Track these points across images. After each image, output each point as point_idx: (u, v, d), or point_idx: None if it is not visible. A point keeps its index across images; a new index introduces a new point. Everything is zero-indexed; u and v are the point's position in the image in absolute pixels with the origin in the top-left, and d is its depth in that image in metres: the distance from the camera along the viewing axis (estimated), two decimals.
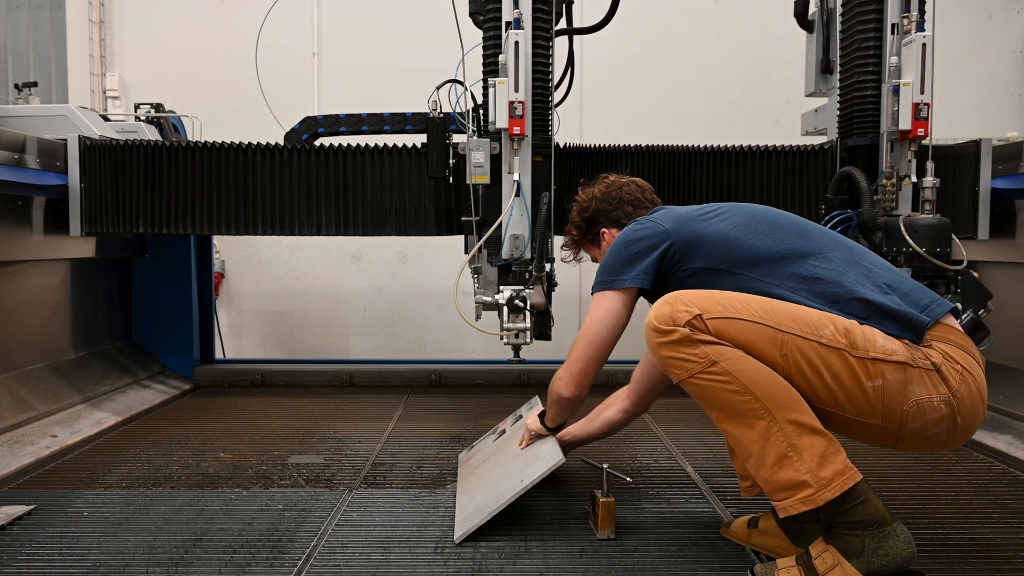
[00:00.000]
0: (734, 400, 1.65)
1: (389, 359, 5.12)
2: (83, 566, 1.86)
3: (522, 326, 2.86)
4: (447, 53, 3.21)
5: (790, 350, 1.65)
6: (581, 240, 2.28)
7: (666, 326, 1.70)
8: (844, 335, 1.66)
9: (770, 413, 1.63)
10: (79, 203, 3.28)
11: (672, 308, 1.71)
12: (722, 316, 1.68)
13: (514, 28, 2.85)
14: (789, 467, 1.62)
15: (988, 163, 3.10)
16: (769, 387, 1.64)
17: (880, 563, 1.59)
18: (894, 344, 1.67)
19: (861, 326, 1.69)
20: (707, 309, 1.69)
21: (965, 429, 1.70)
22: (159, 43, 5.82)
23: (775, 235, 1.84)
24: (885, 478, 2.54)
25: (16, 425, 2.92)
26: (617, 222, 2.17)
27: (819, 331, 1.66)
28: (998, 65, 5.94)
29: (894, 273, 1.82)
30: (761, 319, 1.68)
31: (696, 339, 1.67)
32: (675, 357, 1.70)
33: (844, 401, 1.66)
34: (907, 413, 1.65)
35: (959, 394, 1.66)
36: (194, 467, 2.67)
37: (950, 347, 1.70)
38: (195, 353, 4.25)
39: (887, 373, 1.64)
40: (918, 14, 2.88)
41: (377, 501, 2.31)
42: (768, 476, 1.65)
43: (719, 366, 1.66)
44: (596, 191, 2.22)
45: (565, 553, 1.93)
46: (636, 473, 2.58)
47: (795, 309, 1.71)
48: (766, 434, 1.63)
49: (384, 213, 3.38)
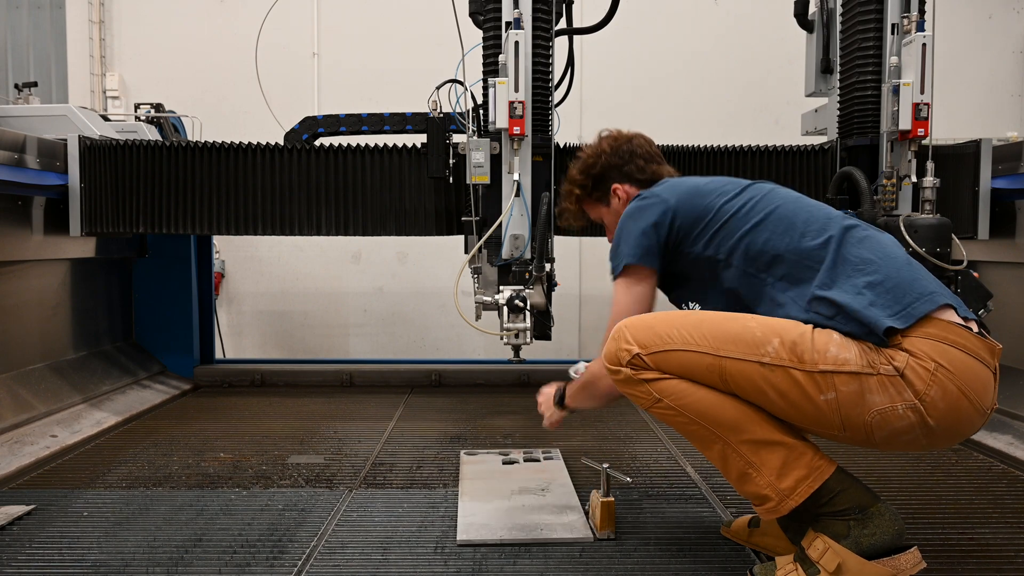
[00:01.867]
0: (689, 427, 1.70)
1: (389, 359, 5.12)
2: (83, 566, 1.86)
3: (522, 326, 2.86)
4: (447, 53, 3.21)
5: (730, 375, 1.64)
6: (586, 198, 2.16)
7: (612, 365, 1.74)
8: (790, 350, 1.60)
9: (722, 438, 1.67)
10: (79, 203, 3.27)
11: (616, 346, 1.74)
12: (660, 350, 1.69)
13: (514, 28, 2.85)
14: (750, 482, 1.66)
15: (988, 163, 3.10)
16: (717, 415, 1.66)
17: (869, 543, 1.61)
18: (848, 352, 1.58)
19: (814, 332, 1.62)
20: (645, 344, 1.70)
21: (946, 430, 1.59)
22: (159, 43, 5.82)
23: (788, 234, 1.78)
24: (885, 478, 2.54)
25: (16, 425, 2.92)
26: (630, 177, 2.08)
27: (760, 349, 1.62)
28: (998, 65, 5.94)
29: (889, 266, 1.68)
30: (698, 347, 1.67)
31: (639, 379, 1.71)
32: (627, 392, 1.76)
33: (799, 416, 1.63)
34: (870, 424, 1.58)
35: (927, 397, 1.55)
36: (194, 467, 2.67)
37: (927, 343, 1.57)
38: (195, 353, 4.25)
39: (839, 385, 1.57)
40: (918, 14, 2.88)
41: (377, 501, 2.31)
42: (736, 487, 1.72)
43: (664, 403, 1.70)
44: (604, 145, 2.11)
45: (565, 553, 1.93)
46: (636, 473, 2.58)
47: (738, 328, 1.67)
48: (723, 455, 1.68)
49: (384, 213, 3.38)
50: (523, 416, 3.43)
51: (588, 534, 2.02)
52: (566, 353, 5.68)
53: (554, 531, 2.03)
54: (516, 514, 2.14)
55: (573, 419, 3.37)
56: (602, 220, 2.19)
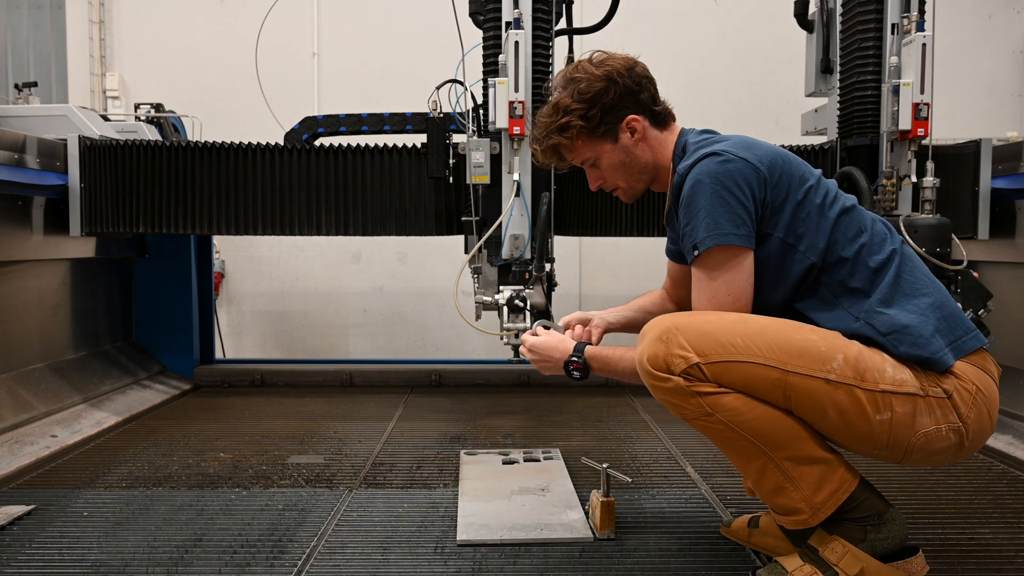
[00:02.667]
0: (733, 442, 1.61)
1: (389, 359, 5.12)
2: (83, 566, 1.86)
3: (522, 326, 2.86)
4: (447, 53, 3.21)
5: (794, 391, 1.56)
6: (587, 133, 1.78)
7: (659, 371, 1.58)
8: (853, 367, 1.56)
9: (766, 454, 1.60)
10: (79, 203, 3.27)
11: (667, 350, 1.57)
12: (721, 360, 1.55)
13: (514, 28, 2.85)
14: (784, 495, 1.62)
15: (988, 163, 3.10)
16: (769, 433, 1.58)
17: (882, 547, 1.63)
18: (904, 373, 1.58)
19: (871, 352, 1.59)
20: (705, 353, 1.55)
21: (971, 449, 1.65)
22: (159, 43, 5.82)
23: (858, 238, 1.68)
24: (885, 478, 2.54)
25: (16, 425, 2.92)
26: (646, 108, 1.79)
27: (826, 366, 1.55)
28: (998, 65, 5.94)
29: (939, 290, 1.68)
30: (764, 359, 1.55)
31: (692, 391, 1.57)
32: (669, 401, 1.62)
33: (848, 436, 1.61)
34: (913, 444, 1.59)
35: (968, 419, 1.59)
36: (194, 467, 2.67)
37: (970, 367, 1.63)
38: (195, 353, 4.25)
39: (896, 406, 1.56)
40: (918, 14, 2.88)
41: (377, 501, 2.31)
42: (765, 497, 1.67)
43: (715, 418, 1.58)
44: (617, 65, 1.76)
45: (565, 553, 1.93)
46: (636, 473, 2.58)
47: (801, 340, 1.58)
48: (763, 469, 1.62)
49: (384, 213, 3.38)
50: (523, 416, 3.44)
51: (588, 534, 2.02)
52: None
53: (554, 531, 2.03)
54: (516, 514, 2.14)
55: (573, 419, 3.40)
56: (597, 162, 1.83)
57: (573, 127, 1.76)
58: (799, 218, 1.65)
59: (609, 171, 1.83)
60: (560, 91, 1.78)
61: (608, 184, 1.86)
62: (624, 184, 1.85)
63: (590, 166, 1.85)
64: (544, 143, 1.82)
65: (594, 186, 1.88)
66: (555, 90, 1.80)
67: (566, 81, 1.78)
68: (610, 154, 1.80)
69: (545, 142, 1.82)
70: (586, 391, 3.97)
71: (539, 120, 1.82)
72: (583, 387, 4.06)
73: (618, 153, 1.80)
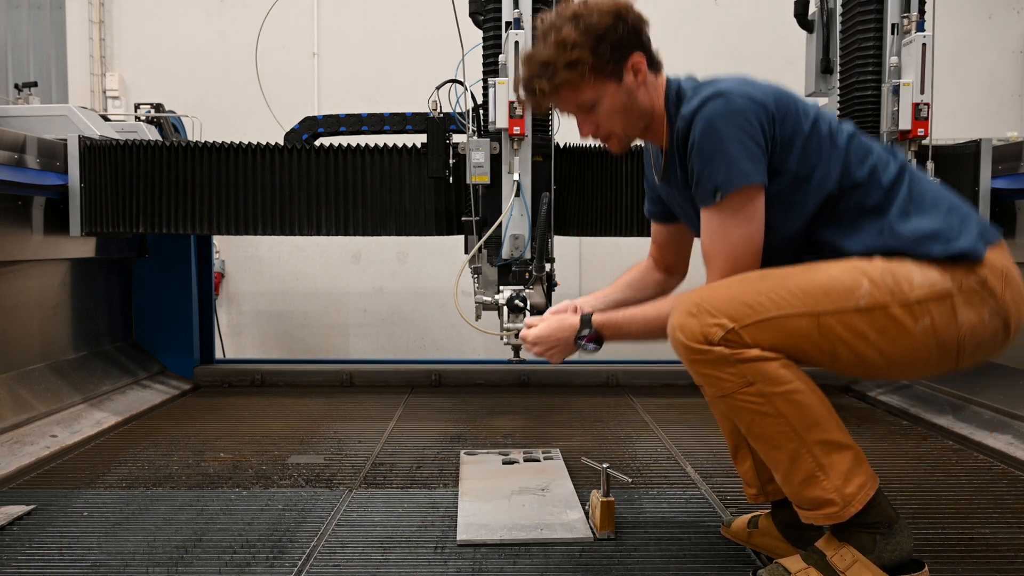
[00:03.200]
0: (765, 422, 1.58)
1: (389, 359, 5.12)
2: (83, 566, 1.86)
3: (522, 326, 2.86)
4: (447, 53, 3.21)
5: (828, 330, 1.54)
6: (593, 73, 1.66)
7: (699, 344, 1.56)
8: (881, 286, 1.54)
9: (799, 436, 1.57)
10: (79, 203, 3.27)
11: (700, 323, 1.55)
12: (755, 320, 1.54)
13: (514, 28, 2.86)
14: (816, 486, 1.59)
15: (988, 163, 3.10)
16: (803, 408, 1.57)
17: (890, 558, 1.60)
18: (933, 274, 1.56)
19: (894, 264, 1.57)
20: (738, 317, 1.54)
21: (1016, 330, 1.62)
22: (159, 43, 5.82)
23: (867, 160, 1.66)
24: (885, 478, 2.52)
25: (16, 425, 2.92)
26: (647, 48, 1.74)
27: (854, 295, 1.54)
28: (998, 65, 5.94)
29: (951, 195, 1.69)
30: (794, 308, 1.54)
31: (735, 359, 1.54)
32: (709, 375, 1.58)
33: (896, 355, 1.58)
34: (963, 342, 1.57)
35: (1006, 300, 1.58)
36: (194, 467, 2.67)
37: (993, 253, 1.61)
38: (195, 353, 4.25)
39: (933, 309, 1.54)
40: (918, 14, 2.88)
41: (377, 501, 2.31)
42: (795, 491, 1.62)
43: (755, 387, 1.55)
44: (621, 2, 1.69)
45: (565, 553, 1.93)
46: (636, 473, 2.58)
47: (822, 278, 1.56)
48: (794, 456, 1.58)
49: (384, 213, 3.38)
50: (523, 416, 3.44)
51: (588, 534, 2.02)
52: None
53: (554, 531, 2.03)
54: (516, 514, 2.14)
55: (573, 419, 3.40)
56: (596, 105, 1.70)
57: (583, 63, 1.64)
58: (810, 150, 1.63)
59: (607, 115, 1.72)
60: (561, 29, 1.64)
61: (602, 130, 1.75)
62: (620, 130, 1.76)
63: (587, 111, 1.71)
64: (549, 82, 1.66)
65: (585, 132, 1.77)
66: (551, 31, 1.66)
67: (570, 17, 1.65)
68: (612, 96, 1.69)
69: (550, 80, 1.65)
70: (586, 391, 3.97)
71: (538, 58, 1.66)
72: (583, 387, 4.06)
73: (621, 95, 1.70)
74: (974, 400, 3.22)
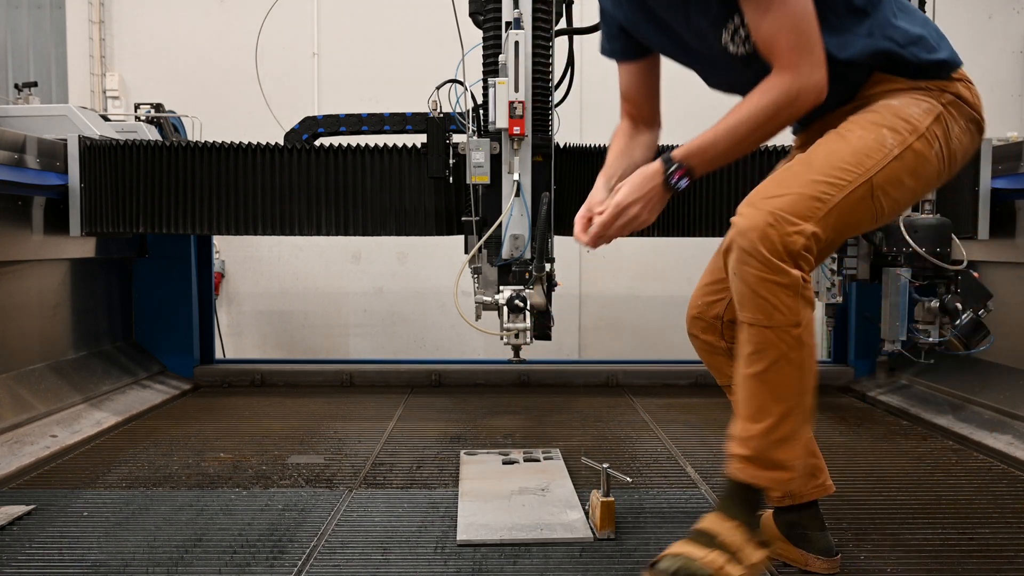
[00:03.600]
0: (785, 370, 1.52)
1: (389, 359, 5.12)
2: (83, 566, 1.86)
3: (522, 326, 2.86)
4: (447, 53, 3.21)
5: (879, 189, 1.57)
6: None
7: (780, 262, 1.46)
8: (898, 130, 1.59)
9: (800, 396, 1.54)
10: (79, 203, 3.27)
11: (779, 232, 1.46)
12: (825, 214, 1.51)
13: (514, 28, 2.85)
14: (787, 450, 1.55)
15: (988, 163, 3.10)
16: (811, 371, 1.55)
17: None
18: (922, 101, 1.64)
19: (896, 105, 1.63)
20: (812, 215, 1.49)
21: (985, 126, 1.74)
22: (159, 43, 5.82)
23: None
24: (885, 478, 2.54)
25: (16, 425, 2.92)
26: None
27: (886, 146, 1.58)
28: (998, 65, 5.94)
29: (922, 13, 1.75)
30: (852, 182, 1.54)
31: (803, 293, 1.49)
32: (768, 300, 1.48)
33: (919, 187, 1.65)
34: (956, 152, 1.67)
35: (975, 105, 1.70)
36: (194, 467, 2.67)
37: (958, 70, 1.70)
38: (195, 353, 4.25)
39: (937, 132, 1.63)
40: None
41: (377, 501, 2.31)
42: (762, 446, 1.54)
43: (799, 331, 1.50)
44: None
45: (565, 553, 1.93)
46: (636, 473, 2.58)
47: (859, 142, 1.58)
48: (786, 414, 1.53)
49: (384, 213, 3.38)
50: (523, 416, 3.44)
51: (588, 534, 2.02)
52: (566, 353, 5.69)
53: (554, 531, 2.03)
54: (516, 514, 2.14)
55: (573, 419, 3.40)
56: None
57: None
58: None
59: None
60: None
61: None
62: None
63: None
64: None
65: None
66: None
67: None
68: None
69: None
70: (586, 391, 3.97)
71: None
72: (583, 387, 4.06)
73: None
74: (974, 400, 3.22)
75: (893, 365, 3.95)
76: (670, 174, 1.62)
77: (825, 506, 2.00)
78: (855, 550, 1.94)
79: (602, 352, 5.76)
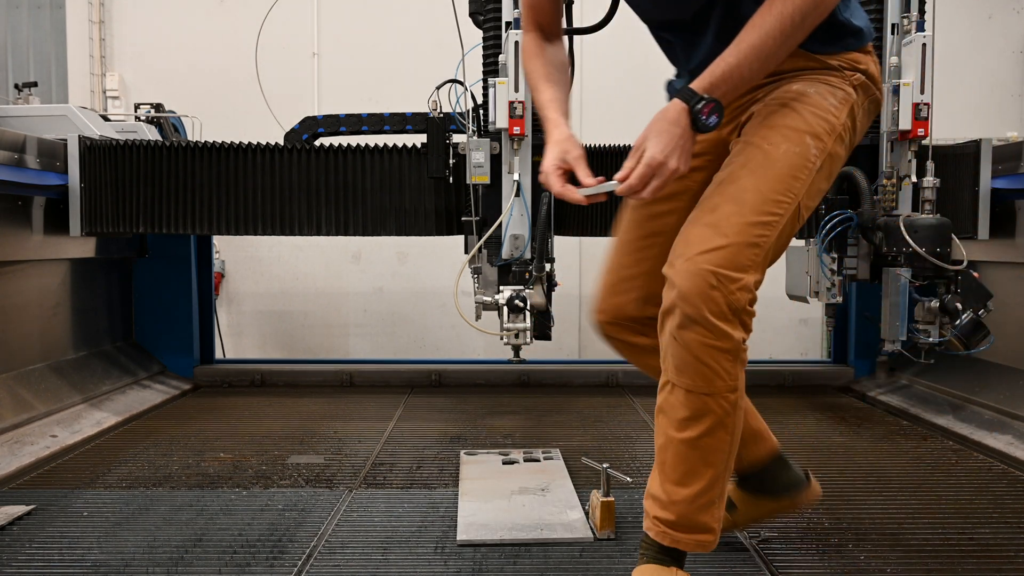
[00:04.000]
0: (718, 435, 1.49)
1: (389, 359, 5.12)
2: (83, 566, 1.86)
3: (522, 326, 2.86)
4: (447, 53, 3.21)
5: (803, 208, 1.53)
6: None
7: (724, 323, 1.40)
8: (819, 134, 1.52)
9: (727, 461, 1.52)
10: (79, 203, 3.27)
11: (724, 292, 1.39)
12: (765, 257, 1.46)
13: (514, 28, 2.85)
14: (711, 513, 1.53)
15: (988, 163, 3.10)
16: (738, 434, 1.53)
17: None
18: (837, 90, 1.58)
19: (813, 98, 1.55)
20: (754, 263, 1.43)
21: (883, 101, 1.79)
22: (159, 43, 5.82)
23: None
24: (885, 478, 2.54)
25: (16, 425, 2.92)
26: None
27: (810, 159, 1.51)
28: (998, 65, 5.94)
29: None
30: (784, 211, 1.48)
31: (741, 356, 1.45)
32: (708, 366, 1.43)
33: (830, 184, 1.64)
34: (857, 136, 1.66)
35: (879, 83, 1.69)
36: (194, 467, 2.67)
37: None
38: (195, 353, 4.25)
39: (848, 124, 1.60)
40: (918, 14, 2.88)
41: (377, 501, 2.31)
42: (686, 510, 1.51)
43: (735, 396, 1.47)
44: None
45: (565, 553, 1.93)
46: (636, 473, 2.58)
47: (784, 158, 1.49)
48: (715, 480, 1.51)
49: (384, 213, 3.38)
50: (523, 416, 3.44)
51: (588, 534, 2.02)
52: (566, 353, 5.68)
53: (554, 531, 2.03)
54: (516, 514, 2.14)
55: (573, 419, 3.39)
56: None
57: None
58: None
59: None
60: None
61: None
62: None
63: None
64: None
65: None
66: None
67: None
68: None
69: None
70: (586, 391, 3.97)
71: None
72: (583, 387, 4.06)
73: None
74: (974, 400, 3.22)
75: (893, 365, 3.95)
76: (698, 111, 1.42)
77: (825, 506, 2.02)
78: (855, 550, 1.94)
79: (602, 352, 5.72)
